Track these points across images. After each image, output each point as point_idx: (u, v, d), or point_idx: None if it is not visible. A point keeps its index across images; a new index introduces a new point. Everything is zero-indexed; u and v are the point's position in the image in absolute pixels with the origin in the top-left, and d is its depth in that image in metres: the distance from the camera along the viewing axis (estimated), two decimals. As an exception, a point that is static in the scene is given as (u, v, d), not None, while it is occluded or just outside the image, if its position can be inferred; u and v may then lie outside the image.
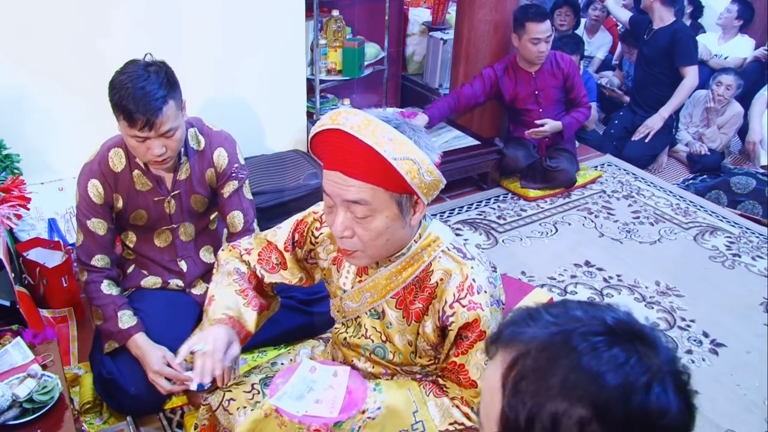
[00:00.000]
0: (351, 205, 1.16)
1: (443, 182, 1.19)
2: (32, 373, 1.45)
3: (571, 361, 0.63)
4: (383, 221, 1.18)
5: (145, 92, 1.61)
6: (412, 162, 1.11)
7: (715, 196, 3.54)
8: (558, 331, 0.67)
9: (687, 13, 4.70)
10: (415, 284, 1.29)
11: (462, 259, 1.26)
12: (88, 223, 1.84)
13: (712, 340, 2.42)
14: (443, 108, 3.35)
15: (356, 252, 1.23)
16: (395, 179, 1.12)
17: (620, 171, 3.78)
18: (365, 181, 1.13)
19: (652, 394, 0.62)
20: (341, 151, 1.13)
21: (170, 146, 1.72)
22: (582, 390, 0.62)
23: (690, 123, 4.15)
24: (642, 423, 0.61)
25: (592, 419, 0.61)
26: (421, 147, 1.14)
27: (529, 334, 0.68)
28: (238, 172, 1.94)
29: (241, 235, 1.98)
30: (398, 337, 1.33)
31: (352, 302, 1.38)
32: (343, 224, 1.19)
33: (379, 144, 1.09)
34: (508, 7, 3.34)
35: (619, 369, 0.62)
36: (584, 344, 0.64)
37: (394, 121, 1.15)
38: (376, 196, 1.15)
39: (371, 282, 1.33)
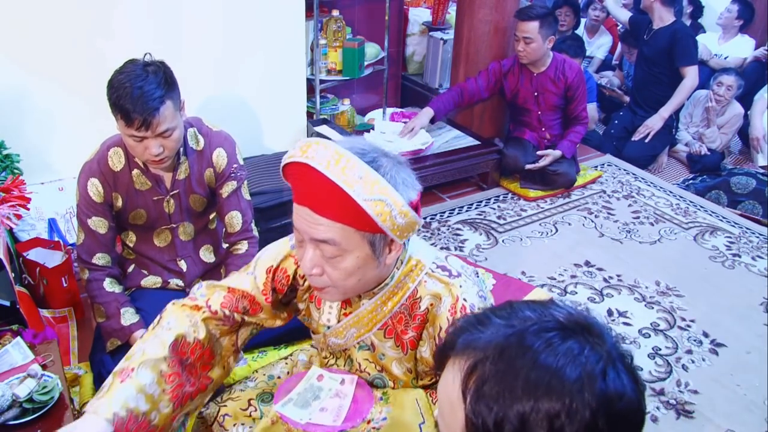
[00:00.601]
0: (320, 244, 1.09)
1: (419, 223, 1.11)
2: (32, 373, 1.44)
3: (529, 360, 0.65)
4: (354, 261, 1.10)
5: (142, 92, 1.61)
6: (384, 203, 1.03)
7: (715, 196, 3.54)
8: (512, 333, 0.68)
9: (687, 13, 4.70)
10: (403, 312, 1.23)
11: (449, 279, 1.20)
12: (88, 221, 1.84)
13: (712, 340, 2.42)
14: (448, 102, 3.35)
15: (327, 288, 1.17)
16: (365, 220, 1.04)
17: (620, 171, 3.78)
18: (334, 220, 1.05)
19: (608, 380, 0.65)
20: (310, 187, 1.05)
21: (168, 146, 1.72)
22: (545, 386, 0.63)
23: (690, 123, 4.15)
24: (605, 408, 0.63)
25: (559, 413, 0.62)
26: (397, 184, 1.06)
27: (484, 340, 0.69)
28: (237, 173, 1.94)
29: (239, 235, 1.98)
30: (396, 366, 1.28)
31: (337, 338, 1.31)
32: (312, 261, 1.12)
33: (348, 183, 1.01)
34: (508, 7, 3.34)
35: (575, 360, 0.65)
36: (539, 342, 0.66)
37: (370, 154, 1.06)
38: (346, 236, 1.07)
39: (355, 317, 1.26)
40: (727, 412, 2.09)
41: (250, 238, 2.01)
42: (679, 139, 4.10)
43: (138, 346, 1.23)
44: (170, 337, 1.23)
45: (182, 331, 1.25)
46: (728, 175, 3.62)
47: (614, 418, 0.64)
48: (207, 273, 2.10)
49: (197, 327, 1.28)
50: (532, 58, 3.20)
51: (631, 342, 2.38)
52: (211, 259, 2.08)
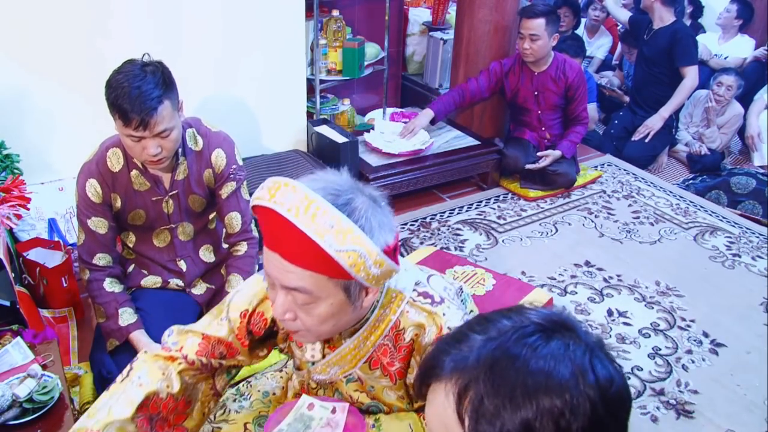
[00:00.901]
0: (291, 291, 1.04)
1: (396, 270, 1.04)
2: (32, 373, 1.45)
3: (520, 368, 0.65)
4: (327, 308, 1.05)
5: (140, 92, 1.61)
6: (357, 254, 0.96)
7: (715, 196, 3.54)
8: (495, 345, 0.68)
9: (687, 13, 4.70)
10: (387, 344, 1.18)
11: (431, 308, 1.15)
12: (88, 222, 1.84)
13: (712, 340, 2.42)
14: (448, 103, 3.35)
15: (300, 332, 1.12)
16: (338, 270, 0.98)
17: (620, 171, 3.78)
18: (305, 268, 0.99)
19: (597, 370, 0.67)
20: (279, 233, 0.99)
21: (166, 146, 1.72)
22: (542, 389, 0.64)
23: (690, 123, 4.15)
24: (601, 396, 0.65)
25: (563, 410, 0.63)
26: (372, 229, 0.99)
27: (469, 358, 0.68)
28: (236, 173, 1.94)
29: (238, 236, 1.98)
30: (386, 394, 1.25)
31: (321, 375, 1.28)
32: (284, 307, 1.06)
33: (318, 233, 0.94)
34: (508, 7, 3.34)
35: (564, 358, 0.66)
36: (524, 348, 0.67)
37: (344, 196, 1.00)
38: (318, 284, 1.01)
39: (337, 356, 1.22)
40: (727, 412, 2.09)
41: (250, 239, 2.01)
42: (679, 139, 4.10)
43: (103, 402, 1.17)
44: (139, 396, 1.17)
45: (154, 388, 1.19)
46: (728, 175, 3.62)
47: (610, 403, 0.66)
48: (207, 273, 2.10)
49: (171, 381, 1.23)
50: (538, 55, 3.20)
51: (631, 342, 2.38)
52: (211, 258, 2.08)
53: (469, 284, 2.32)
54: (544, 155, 3.34)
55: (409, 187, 3.16)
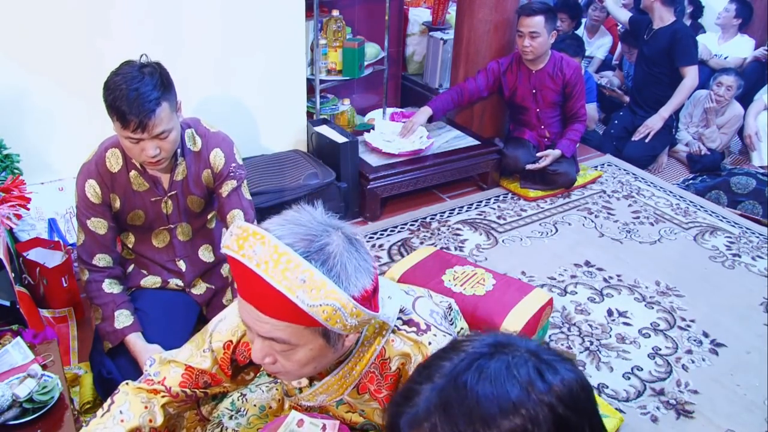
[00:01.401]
0: (268, 339, 1.01)
1: (375, 317, 1.01)
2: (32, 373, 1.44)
3: (471, 400, 0.65)
4: (306, 353, 1.03)
5: (138, 93, 1.60)
6: (332, 308, 0.93)
7: (715, 196, 3.54)
8: (441, 387, 0.68)
9: (687, 13, 4.70)
10: (374, 371, 1.17)
11: (416, 337, 1.13)
12: (88, 222, 1.84)
13: (712, 340, 2.42)
14: (447, 102, 3.36)
15: (281, 373, 1.09)
16: (313, 321, 0.95)
17: (620, 171, 3.78)
18: (280, 320, 0.96)
19: (545, 376, 0.67)
20: (251, 286, 0.95)
21: (164, 148, 1.72)
22: (498, 414, 0.64)
23: (690, 123, 4.15)
24: (557, 399, 0.66)
25: (525, 427, 0.64)
26: (348, 276, 0.96)
27: (421, 410, 0.68)
28: (236, 171, 1.94)
29: None
30: (377, 416, 1.24)
31: (309, 402, 1.26)
32: (262, 352, 1.03)
33: (290, 289, 0.91)
34: (508, 7, 3.34)
35: (508, 376, 0.67)
36: (468, 380, 0.67)
37: (318, 240, 0.95)
38: (295, 334, 0.99)
39: (323, 386, 1.20)
40: (727, 412, 2.09)
41: None
42: (679, 139, 4.10)
43: None
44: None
45: (136, 423, 1.19)
46: (728, 175, 3.62)
47: (568, 401, 0.66)
48: (206, 273, 2.10)
49: (154, 414, 1.22)
50: (538, 53, 3.20)
51: (631, 342, 2.38)
52: (210, 258, 2.08)
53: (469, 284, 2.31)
54: (544, 155, 3.34)
55: (409, 187, 3.16)
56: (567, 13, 4.47)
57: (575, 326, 2.44)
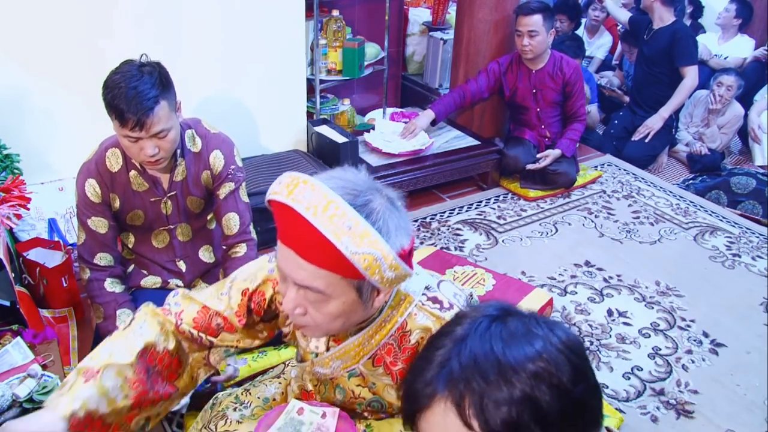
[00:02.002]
0: (303, 288, 1.03)
1: (410, 274, 1.04)
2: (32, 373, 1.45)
3: (499, 354, 0.72)
4: (338, 306, 1.05)
5: (137, 92, 1.61)
6: (373, 258, 0.95)
7: (715, 196, 3.54)
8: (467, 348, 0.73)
9: (687, 13, 4.70)
10: (392, 343, 1.18)
11: (439, 313, 1.15)
12: (88, 221, 1.84)
13: (712, 340, 2.42)
14: (449, 104, 3.36)
15: (309, 327, 1.11)
16: (352, 270, 0.97)
17: (620, 171, 3.78)
18: (319, 267, 0.98)
19: (555, 332, 0.75)
20: (295, 230, 0.98)
21: (163, 147, 1.71)
22: (527, 362, 0.71)
23: (690, 123, 4.15)
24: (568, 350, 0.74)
25: (549, 369, 0.71)
26: (389, 232, 0.98)
27: (454, 367, 0.73)
28: (235, 174, 1.93)
29: (237, 237, 1.96)
30: (387, 392, 1.25)
31: (323, 368, 1.27)
32: (294, 302, 1.06)
33: (336, 234, 0.93)
34: (508, 7, 3.34)
35: (527, 332, 0.75)
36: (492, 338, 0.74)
37: (362, 196, 0.98)
38: (331, 283, 1.01)
39: (340, 350, 1.22)
40: (727, 412, 2.09)
41: (249, 240, 1.98)
42: (679, 139, 4.10)
43: (105, 347, 1.21)
44: (139, 344, 1.21)
45: (152, 339, 1.23)
46: (728, 175, 3.62)
47: (578, 353, 0.75)
48: (206, 273, 2.10)
49: (168, 336, 1.26)
50: (538, 51, 3.20)
51: (631, 342, 2.38)
52: (210, 259, 2.08)
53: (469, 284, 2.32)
54: (544, 155, 3.34)
55: (409, 187, 3.16)
56: (566, 14, 4.47)
57: (575, 326, 2.44)
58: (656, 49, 3.81)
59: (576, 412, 0.72)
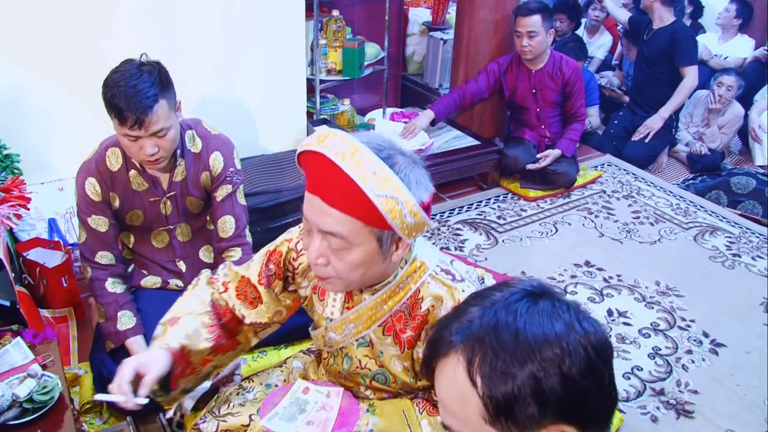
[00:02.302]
0: (327, 235, 1.10)
1: (429, 225, 1.11)
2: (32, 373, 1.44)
3: (520, 327, 0.73)
4: (360, 255, 1.11)
5: (136, 90, 1.61)
6: (395, 201, 1.03)
7: (715, 196, 3.54)
8: (493, 312, 0.76)
9: (687, 13, 4.70)
10: (404, 311, 1.23)
11: (452, 283, 1.21)
12: (89, 220, 1.84)
13: (712, 340, 2.42)
14: (449, 104, 3.36)
15: (330, 278, 1.17)
16: (375, 215, 1.04)
17: (620, 171, 3.78)
18: (344, 212, 1.06)
19: (582, 322, 0.75)
20: (323, 176, 1.06)
21: (163, 146, 1.71)
22: (542, 342, 0.72)
23: (690, 123, 4.15)
24: (590, 344, 0.74)
25: (563, 357, 0.71)
26: (410, 183, 1.06)
27: (474, 326, 0.76)
28: (233, 177, 1.92)
29: (231, 241, 1.95)
30: (393, 364, 1.28)
31: (336, 334, 1.31)
32: (318, 251, 1.12)
33: (362, 177, 1.01)
34: (508, 7, 3.34)
35: (554, 314, 0.75)
36: (519, 311, 0.75)
37: (386, 151, 1.07)
38: (354, 230, 1.07)
39: (354, 313, 1.27)
40: (727, 412, 2.09)
41: (243, 245, 1.97)
42: (679, 139, 4.10)
43: (180, 303, 1.40)
44: (209, 297, 1.41)
45: (216, 296, 1.42)
46: (728, 175, 3.62)
47: (598, 348, 0.74)
48: (207, 273, 2.10)
49: (223, 298, 1.43)
50: (537, 52, 3.20)
51: (631, 342, 2.38)
52: (210, 259, 2.08)
53: (469, 284, 2.32)
54: (544, 155, 3.34)
55: (409, 187, 3.15)
56: (566, 14, 4.47)
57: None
58: (656, 49, 3.81)
59: (578, 404, 0.72)
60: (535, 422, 0.72)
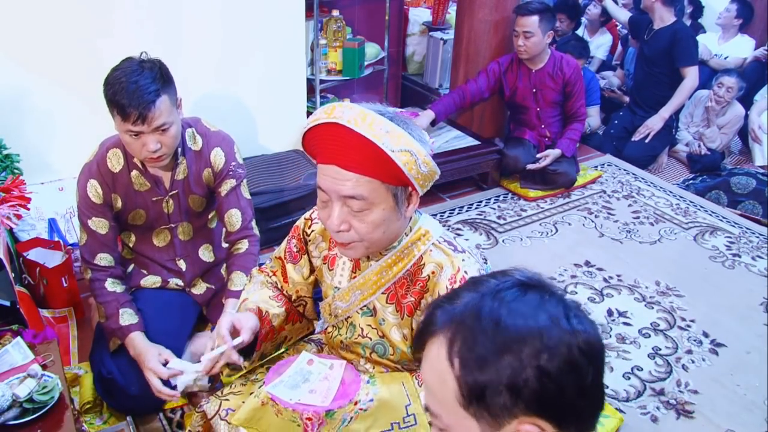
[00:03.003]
0: (347, 200, 1.17)
1: (438, 173, 1.20)
2: (32, 373, 1.44)
3: (503, 313, 0.73)
4: (380, 213, 1.18)
5: (138, 86, 1.61)
6: (410, 153, 1.12)
7: (715, 196, 3.54)
8: (480, 298, 0.76)
9: (687, 13, 4.69)
10: (407, 278, 1.29)
11: (453, 252, 1.27)
12: (89, 222, 1.84)
13: (712, 340, 2.42)
14: (449, 104, 3.36)
15: (353, 243, 1.23)
16: (393, 171, 1.13)
17: (620, 171, 3.78)
18: (362, 174, 1.14)
19: (571, 319, 0.74)
20: (337, 145, 1.13)
21: (165, 142, 1.72)
22: (523, 331, 0.72)
23: (690, 123, 4.15)
24: (575, 342, 0.72)
25: (541, 350, 0.70)
26: (415, 138, 1.15)
27: (458, 309, 0.76)
28: (236, 170, 1.93)
29: (239, 233, 1.96)
30: (394, 332, 1.33)
31: (342, 302, 1.38)
32: (339, 218, 1.19)
33: (377, 137, 1.10)
34: (508, 7, 3.34)
35: (540, 307, 0.74)
36: (505, 299, 0.75)
37: (388, 114, 1.16)
38: (373, 189, 1.15)
39: (361, 279, 1.33)
40: (727, 412, 2.09)
41: (251, 236, 1.99)
42: (679, 139, 4.10)
43: (243, 294, 1.50)
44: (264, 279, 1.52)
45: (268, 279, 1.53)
46: (728, 175, 3.62)
47: (584, 348, 0.73)
48: (206, 272, 2.10)
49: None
50: (533, 52, 3.21)
51: (631, 342, 2.38)
52: (210, 258, 2.08)
53: (469, 284, 2.32)
54: (544, 155, 3.34)
55: (409, 187, 3.16)
56: (566, 14, 4.47)
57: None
58: (657, 49, 3.81)
59: (554, 401, 0.71)
60: (507, 412, 0.71)
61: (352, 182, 1.14)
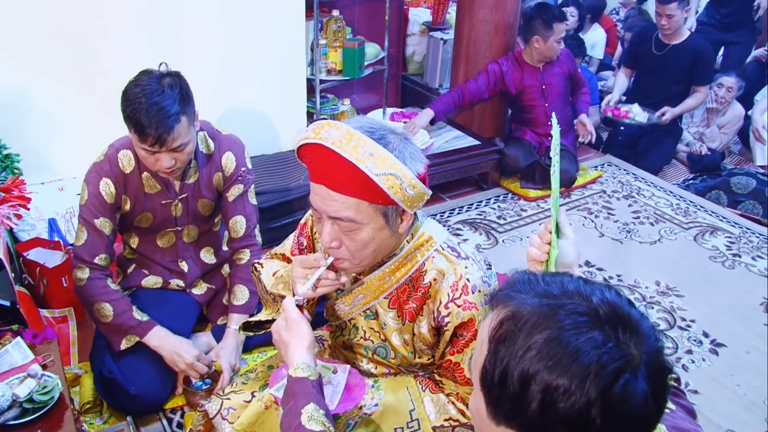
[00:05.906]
0: (336, 220, 1.16)
1: (428, 194, 1.18)
2: (32, 373, 1.44)
3: (552, 333, 0.68)
4: (369, 232, 1.17)
5: (159, 108, 1.59)
6: (394, 177, 1.10)
7: (715, 196, 3.54)
8: (546, 304, 0.71)
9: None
10: (408, 284, 1.28)
11: (456, 259, 1.25)
12: (95, 221, 1.81)
13: (712, 340, 2.42)
14: (448, 103, 3.35)
15: (345, 259, 1.23)
16: (378, 193, 1.11)
17: (620, 171, 3.78)
18: (349, 195, 1.13)
19: (619, 380, 0.65)
20: (324, 166, 1.13)
21: (180, 159, 1.71)
22: (555, 360, 0.66)
23: (691, 123, 4.15)
24: (604, 404, 0.65)
25: (558, 387, 0.66)
26: (405, 159, 1.13)
27: (520, 300, 0.73)
28: (245, 176, 1.93)
29: (242, 241, 1.96)
30: (395, 337, 1.33)
31: (345, 305, 1.37)
32: (330, 236, 1.19)
33: (360, 160, 1.08)
34: (509, 7, 3.34)
35: (593, 350, 0.66)
36: (568, 321, 0.69)
37: (378, 132, 1.14)
38: (360, 210, 1.14)
39: (363, 284, 1.32)
40: (727, 412, 2.09)
41: (252, 245, 1.99)
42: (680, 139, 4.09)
43: (260, 283, 1.46)
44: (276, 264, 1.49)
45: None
46: (728, 175, 3.62)
47: (612, 417, 0.65)
48: (207, 273, 2.10)
49: None
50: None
51: (631, 342, 2.38)
52: (212, 260, 2.08)
53: (469, 284, 2.32)
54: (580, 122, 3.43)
55: (409, 187, 3.15)
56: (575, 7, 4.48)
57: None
58: (673, 64, 3.74)
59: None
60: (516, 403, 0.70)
61: (338, 204, 1.14)
